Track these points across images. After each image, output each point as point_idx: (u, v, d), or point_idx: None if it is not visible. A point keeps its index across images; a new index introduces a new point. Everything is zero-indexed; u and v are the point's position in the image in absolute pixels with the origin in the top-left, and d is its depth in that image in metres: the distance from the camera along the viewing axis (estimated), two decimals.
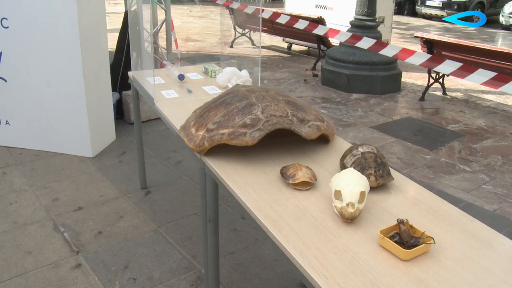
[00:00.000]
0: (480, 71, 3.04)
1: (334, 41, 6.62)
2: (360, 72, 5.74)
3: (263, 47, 8.93)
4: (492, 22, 16.14)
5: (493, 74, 2.89)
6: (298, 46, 8.64)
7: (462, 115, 5.28)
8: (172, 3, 5.58)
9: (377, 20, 6.12)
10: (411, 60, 3.20)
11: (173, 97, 2.45)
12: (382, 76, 5.78)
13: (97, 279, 2.34)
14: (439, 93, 6.12)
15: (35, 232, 2.71)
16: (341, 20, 6.45)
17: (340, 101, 5.48)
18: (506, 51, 4.86)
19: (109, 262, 2.46)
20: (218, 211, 1.84)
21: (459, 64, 2.98)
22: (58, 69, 3.43)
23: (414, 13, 17.36)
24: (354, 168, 1.49)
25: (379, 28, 6.17)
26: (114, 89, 4.28)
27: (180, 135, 1.89)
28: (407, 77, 6.83)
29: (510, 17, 14.76)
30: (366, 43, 3.37)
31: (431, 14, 16.62)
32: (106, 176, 3.39)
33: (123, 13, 4.72)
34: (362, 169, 1.49)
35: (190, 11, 14.18)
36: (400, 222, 1.24)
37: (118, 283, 2.31)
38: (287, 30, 7.52)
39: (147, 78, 2.79)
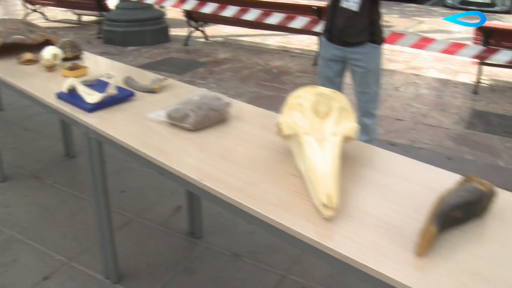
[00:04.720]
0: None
1: (111, 5, 7.72)
2: (132, 29, 6.98)
3: (55, 21, 9.61)
4: None
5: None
6: (89, 18, 9.54)
7: (214, 51, 6.86)
8: None
9: None
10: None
11: None
12: (151, 30, 7.10)
13: None
14: (203, 40, 7.66)
15: None
16: None
17: (116, 53, 6.67)
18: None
19: None
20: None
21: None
22: None
23: None
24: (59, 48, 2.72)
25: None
26: None
27: None
28: (179, 32, 8.26)
29: None
30: None
31: None
32: None
33: None
34: (61, 48, 2.72)
35: None
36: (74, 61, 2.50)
37: None
38: (69, 2, 8.34)
39: None
